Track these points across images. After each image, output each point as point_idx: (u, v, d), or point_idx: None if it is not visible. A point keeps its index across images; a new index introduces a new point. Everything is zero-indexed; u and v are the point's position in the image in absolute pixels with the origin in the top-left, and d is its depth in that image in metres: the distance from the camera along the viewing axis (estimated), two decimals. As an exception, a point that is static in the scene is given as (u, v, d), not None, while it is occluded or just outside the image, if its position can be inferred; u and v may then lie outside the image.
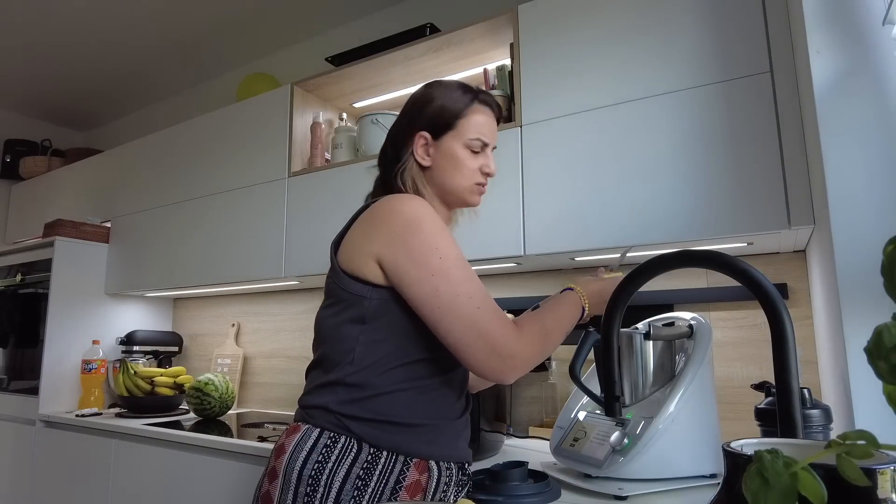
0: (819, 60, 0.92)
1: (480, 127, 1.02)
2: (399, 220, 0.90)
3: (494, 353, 0.86)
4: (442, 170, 1.01)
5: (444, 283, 0.87)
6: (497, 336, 0.87)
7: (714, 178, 1.24)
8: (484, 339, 0.86)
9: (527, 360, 0.90)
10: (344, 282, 0.94)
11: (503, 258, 1.53)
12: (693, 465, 1.06)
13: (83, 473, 2.02)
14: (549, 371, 1.72)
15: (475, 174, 1.03)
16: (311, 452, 0.87)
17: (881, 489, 0.38)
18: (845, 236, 0.86)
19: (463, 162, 1.01)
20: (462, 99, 1.01)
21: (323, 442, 0.88)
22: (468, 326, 0.86)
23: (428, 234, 0.89)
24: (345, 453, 0.87)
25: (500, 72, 1.72)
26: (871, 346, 0.37)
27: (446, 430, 0.95)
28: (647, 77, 1.35)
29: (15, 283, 2.58)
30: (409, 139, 1.02)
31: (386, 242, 0.90)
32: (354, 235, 0.96)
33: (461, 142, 1.01)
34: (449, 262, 0.88)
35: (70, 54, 2.76)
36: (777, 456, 0.38)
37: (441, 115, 1.00)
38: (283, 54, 2.75)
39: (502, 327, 0.88)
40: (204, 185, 2.26)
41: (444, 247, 0.89)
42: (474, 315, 0.86)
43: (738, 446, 0.48)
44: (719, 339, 1.49)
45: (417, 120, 1.01)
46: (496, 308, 0.90)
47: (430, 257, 0.88)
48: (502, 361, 0.86)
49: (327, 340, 0.95)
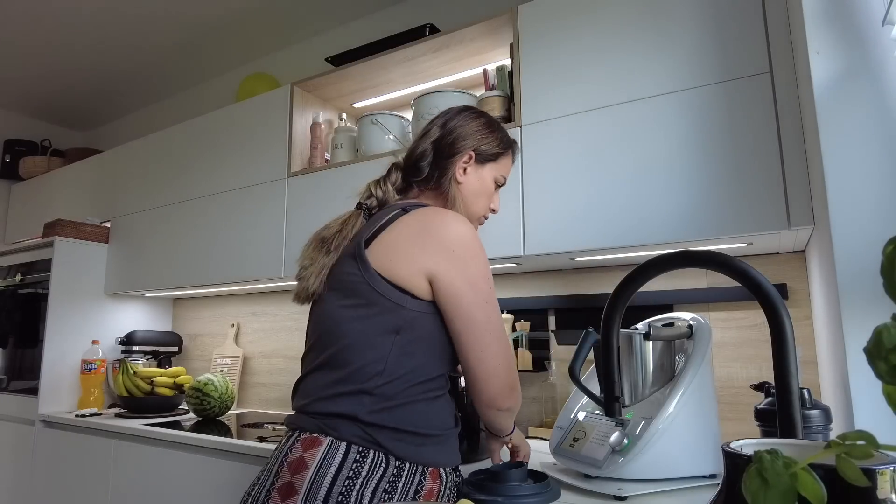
0: (819, 61, 0.92)
1: (508, 169, 1.13)
2: (459, 241, 0.93)
3: (513, 388, 0.94)
4: (470, 191, 1.07)
5: (495, 312, 0.93)
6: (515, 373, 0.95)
7: (714, 178, 1.24)
8: (510, 373, 0.93)
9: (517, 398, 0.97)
10: (382, 286, 0.90)
11: (503, 258, 1.53)
12: (693, 466, 1.06)
13: (83, 473, 2.02)
14: (549, 371, 1.72)
15: (487, 207, 1.11)
16: (341, 468, 0.84)
17: (881, 489, 0.38)
18: (845, 237, 0.86)
19: (489, 193, 1.10)
20: (506, 141, 1.12)
21: (352, 457, 0.85)
22: (502, 357, 0.92)
23: (483, 262, 0.94)
24: (374, 469, 0.86)
25: (499, 72, 1.72)
26: (870, 347, 0.37)
27: (452, 437, 0.97)
28: (646, 77, 1.35)
29: (15, 284, 2.58)
30: (458, 153, 1.06)
31: (443, 261, 0.91)
32: (399, 243, 0.93)
33: (495, 175, 1.10)
34: (494, 293, 0.95)
35: (70, 54, 2.76)
36: (777, 456, 0.38)
37: (495, 144, 1.09)
38: (283, 54, 2.75)
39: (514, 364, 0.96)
40: (204, 185, 2.26)
41: (491, 277, 0.95)
42: (507, 348, 0.93)
43: (737, 447, 0.48)
44: (719, 339, 1.49)
45: (471, 139, 1.07)
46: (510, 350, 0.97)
47: (485, 285, 0.93)
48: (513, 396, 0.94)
49: (354, 345, 0.90)
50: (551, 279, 1.79)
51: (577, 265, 1.68)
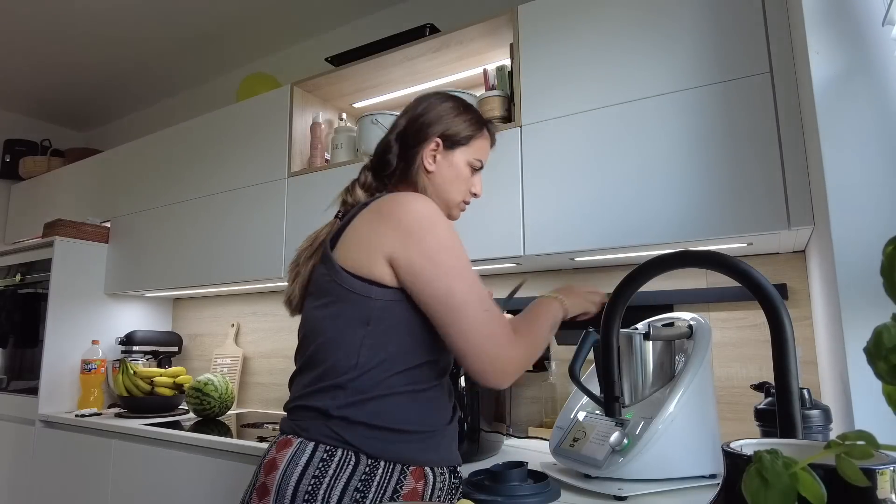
0: (819, 61, 0.92)
1: (484, 152, 1.09)
2: (413, 217, 0.90)
3: (499, 357, 0.87)
4: (443, 179, 1.04)
5: (459, 283, 0.88)
6: (502, 341, 0.88)
7: (714, 178, 1.24)
8: (491, 342, 0.87)
9: (521, 365, 0.91)
10: (347, 280, 0.91)
11: (503, 258, 1.53)
12: (693, 466, 1.06)
13: (83, 473, 2.02)
14: (549, 371, 1.72)
15: (467, 192, 1.07)
16: (307, 467, 0.84)
17: (881, 489, 0.38)
18: (845, 237, 0.86)
19: (464, 178, 1.06)
20: (478, 121, 1.07)
21: (319, 456, 0.85)
22: (478, 328, 0.86)
23: (442, 234, 0.90)
24: (342, 467, 0.84)
25: (499, 72, 1.72)
26: (870, 347, 0.37)
27: (441, 434, 0.93)
28: (647, 77, 1.35)
29: (14, 283, 2.58)
30: (423, 141, 1.03)
31: (399, 240, 0.89)
32: (359, 233, 0.93)
33: (467, 159, 1.05)
34: (461, 263, 0.90)
35: (70, 54, 2.76)
36: (776, 456, 0.38)
37: (465, 127, 1.05)
38: (283, 54, 2.75)
39: (505, 332, 0.89)
40: (204, 185, 2.26)
41: (457, 248, 0.91)
42: (483, 317, 0.87)
43: (737, 447, 0.48)
44: (719, 339, 1.49)
45: (437, 125, 1.03)
46: (500, 313, 0.90)
47: (446, 257, 0.88)
48: (501, 366, 0.87)
49: (327, 343, 0.91)
50: (551, 279, 1.79)
51: (577, 265, 1.68)
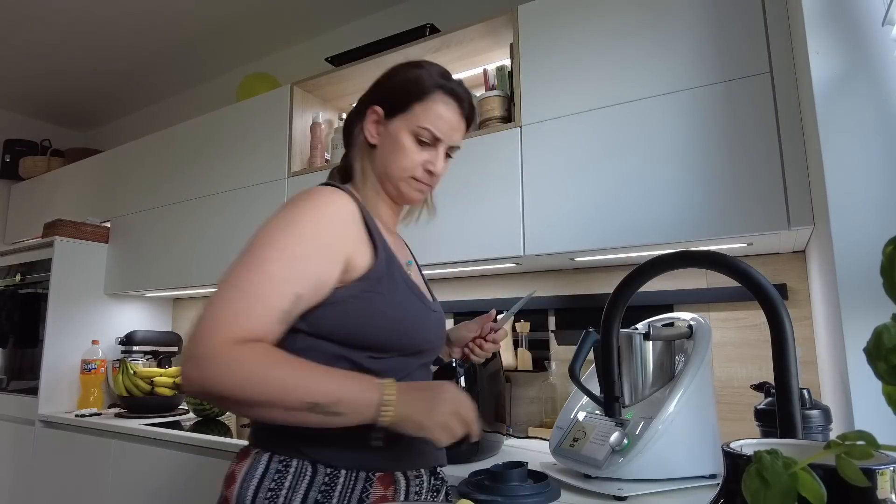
0: (818, 61, 0.92)
1: (436, 119, 0.90)
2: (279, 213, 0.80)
3: (190, 344, 0.68)
4: (384, 152, 0.91)
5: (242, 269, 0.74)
6: (205, 331, 0.68)
7: (714, 178, 1.24)
8: (197, 325, 0.69)
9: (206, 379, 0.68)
10: None
11: (503, 258, 1.53)
12: (692, 466, 1.06)
13: (82, 473, 2.02)
14: (549, 371, 1.72)
15: (416, 168, 0.91)
16: (263, 479, 0.78)
17: (881, 490, 0.38)
18: (845, 237, 0.86)
19: (405, 150, 0.90)
20: (428, 83, 0.90)
21: (274, 467, 0.79)
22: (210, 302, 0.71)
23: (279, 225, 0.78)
24: (299, 478, 0.78)
25: (499, 72, 1.72)
26: (870, 347, 0.37)
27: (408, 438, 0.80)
28: (647, 77, 1.35)
29: (14, 283, 2.58)
30: (363, 111, 0.94)
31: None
32: None
33: (409, 128, 0.89)
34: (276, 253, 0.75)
35: (70, 54, 2.76)
36: (776, 456, 0.38)
37: (399, 93, 0.91)
38: (283, 54, 2.75)
39: (218, 328, 0.69)
40: (204, 185, 2.26)
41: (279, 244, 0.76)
42: (219, 293, 0.71)
43: (737, 447, 0.48)
44: (719, 339, 1.49)
45: (378, 91, 0.93)
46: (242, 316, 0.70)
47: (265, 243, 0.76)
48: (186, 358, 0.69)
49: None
50: (551, 279, 1.79)
51: (577, 265, 1.68)
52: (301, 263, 0.76)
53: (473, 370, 1.40)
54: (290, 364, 0.72)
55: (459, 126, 0.94)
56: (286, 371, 0.70)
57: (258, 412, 0.70)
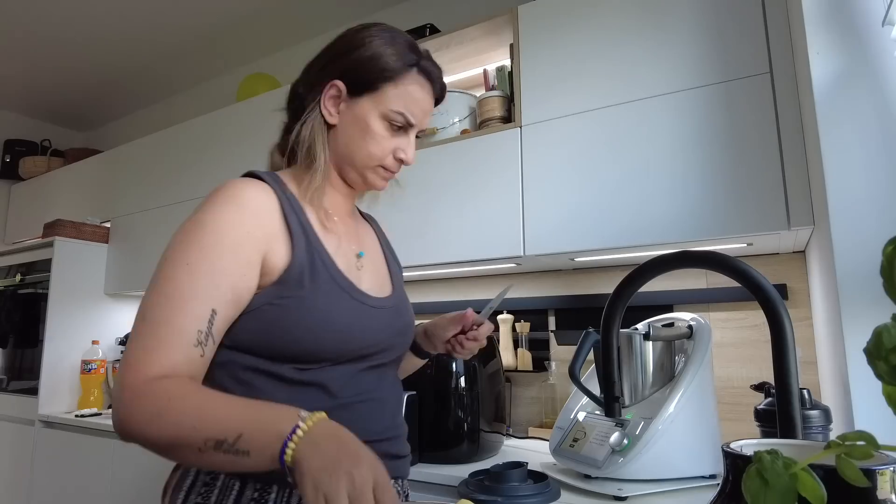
0: (819, 61, 0.92)
1: (410, 102, 0.80)
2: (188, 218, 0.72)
3: (118, 382, 0.62)
4: (348, 136, 0.80)
5: (153, 294, 0.67)
6: (125, 368, 0.62)
7: (714, 178, 1.24)
8: (123, 360, 0.64)
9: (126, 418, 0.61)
10: None
11: (503, 258, 1.53)
12: (692, 466, 1.06)
13: (82, 474, 2.02)
14: (549, 371, 1.72)
15: (385, 155, 0.81)
16: (190, 493, 0.72)
17: (881, 490, 0.38)
18: (845, 237, 0.86)
19: (375, 135, 0.80)
20: (402, 59, 0.79)
21: (202, 480, 0.72)
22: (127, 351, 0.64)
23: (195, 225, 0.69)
24: (225, 492, 0.71)
25: (499, 72, 1.72)
26: (870, 347, 0.37)
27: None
28: (647, 78, 1.35)
29: (14, 284, 2.58)
30: (321, 83, 0.80)
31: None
32: None
33: (380, 111, 0.79)
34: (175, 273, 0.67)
35: (70, 54, 2.76)
36: (777, 457, 0.38)
37: (367, 68, 0.78)
38: (283, 54, 2.75)
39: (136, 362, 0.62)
40: (203, 185, 2.26)
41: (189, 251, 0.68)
42: (137, 328, 0.65)
43: (737, 447, 0.48)
44: (719, 339, 1.49)
45: (337, 62, 0.80)
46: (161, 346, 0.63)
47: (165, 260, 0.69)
48: (114, 401, 0.63)
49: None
50: (551, 279, 1.79)
51: (577, 265, 1.68)
52: (210, 277, 0.67)
53: (473, 370, 1.40)
54: (198, 397, 0.62)
55: (431, 108, 0.85)
56: (191, 406, 0.60)
57: (174, 455, 0.63)
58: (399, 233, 1.11)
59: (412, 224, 1.62)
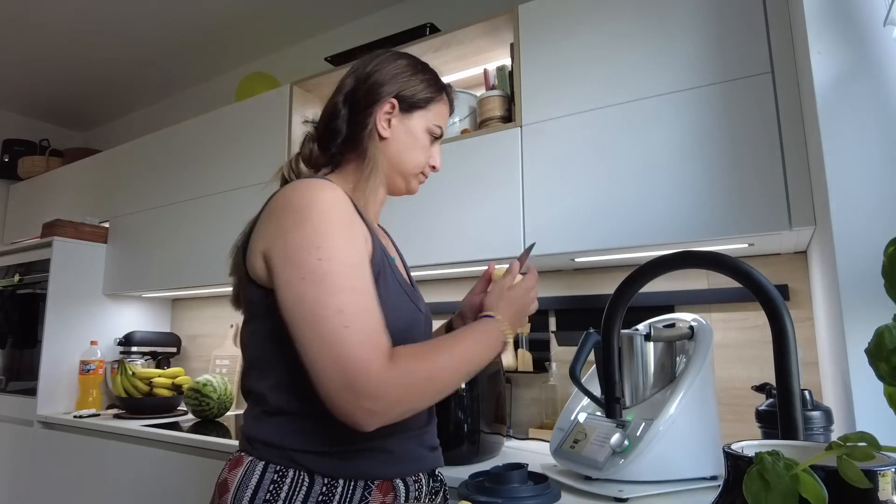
0: (820, 61, 0.92)
1: (443, 118, 0.97)
2: (289, 208, 0.77)
3: (349, 388, 0.67)
4: (399, 146, 0.92)
5: (312, 290, 0.70)
6: (358, 367, 0.67)
7: (715, 178, 1.24)
8: (340, 367, 0.67)
9: (391, 406, 0.69)
10: (250, 291, 0.81)
11: (503, 259, 1.52)
12: (694, 467, 1.05)
13: (81, 474, 2.01)
14: (550, 372, 1.71)
15: (425, 163, 0.96)
16: (258, 490, 0.76)
17: (882, 491, 0.38)
18: (846, 237, 0.86)
19: (422, 146, 0.94)
20: (437, 83, 0.96)
21: (269, 477, 0.76)
22: (326, 347, 0.68)
23: (313, 229, 0.74)
24: (296, 489, 0.76)
25: (500, 72, 1.72)
26: (871, 348, 0.37)
27: (405, 444, 0.83)
28: (647, 77, 1.35)
29: (13, 284, 2.58)
30: (376, 102, 0.91)
31: (271, 236, 0.77)
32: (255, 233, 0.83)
33: (427, 124, 0.94)
34: (329, 266, 0.72)
35: (69, 54, 2.76)
36: (778, 458, 0.37)
37: (422, 88, 0.93)
38: (283, 54, 2.75)
39: (368, 357, 0.68)
40: (203, 185, 2.26)
41: (332, 247, 0.73)
42: (338, 335, 0.68)
43: (738, 448, 0.48)
44: (720, 340, 1.49)
45: (391, 84, 0.92)
46: (373, 332, 0.71)
47: (307, 257, 0.72)
48: (356, 401, 0.68)
49: (251, 364, 0.83)
50: (552, 280, 1.78)
51: (577, 266, 1.68)
52: (358, 265, 0.75)
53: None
54: (437, 350, 0.76)
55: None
56: (443, 358, 0.75)
57: (436, 399, 0.77)
58: (399, 233, 1.10)
59: (412, 224, 1.62)
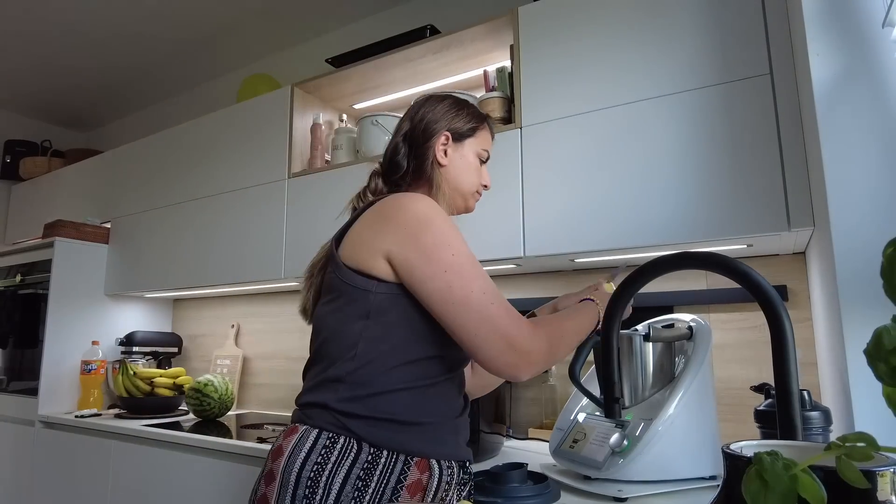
0: (819, 62, 0.92)
1: (488, 142, 1.14)
2: (410, 216, 0.92)
3: (512, 348, 0.86)
4: (456, 170, 1.08)
5: (458, 279, 0.88)
6: (513, 331, 0.87)
7: (714, 179, 1.24)
8: (500, 334, 0.86)
9: (541, 357, 0.89)
10: (348, 276, 0.94)
11: (503, 259, 1.53)
12: (692, 467, 1.06)
13: (82, 474, 2.02)
14: (549, 373, 1.72)
15: (479, 182, 1.12)
16: (310, 454, 0.86)
17: (881, 491, 0.38)
18: (845, 238, 0.86)
19: (475, 169, 1.10)
20: (478, 115, 1.13)
21: (322, 443, 0.87)
22: (483, 321, 0.86)
23: (439, 231, 0.91)
24: (344, 454, 0.86)
25: (500, 73, 1.72)
26: (870, 348, 0.37)
27: (447, 428, 0.94)
28: (647, 79, 1.35)
29: (15, 284, 2.58)
30: (432, 136, 1.07)
31: (397, 239, 0.90)
32: (360, 231, 0.96)
33: (476, 149, 1.10)
34: (461, 259, 0.90)
35: (70, 55, 2.76)
36: (777, 458, 0.38)
37: (468, 120, 1.10)
38: (284, 55, 2.75)
39: (517, 323, 0.88)
40: (204, 186, 2.26)
41: (457, 244, 0.91)
42: (489, 310, 0.87)
43: (737, 448, 0.48)
44: (719, 340, 1.49)
45: (442, 121, 1.08)
46: (509, 305, 0.90)
47: (443, 253, 0.89)
48: (518, 356, 0.87)
49: (329, 337, 0.94)
50: (552, 280, 1.79)
51: (577, 266, 1.68)
52: (475, 257, 0.93)
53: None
54: (560, 319, 1.01)
55: None
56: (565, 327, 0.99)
57: (566, 354, 0.99)
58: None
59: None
